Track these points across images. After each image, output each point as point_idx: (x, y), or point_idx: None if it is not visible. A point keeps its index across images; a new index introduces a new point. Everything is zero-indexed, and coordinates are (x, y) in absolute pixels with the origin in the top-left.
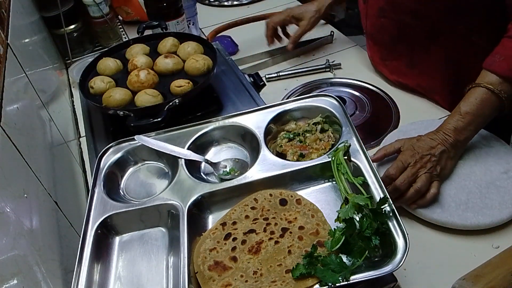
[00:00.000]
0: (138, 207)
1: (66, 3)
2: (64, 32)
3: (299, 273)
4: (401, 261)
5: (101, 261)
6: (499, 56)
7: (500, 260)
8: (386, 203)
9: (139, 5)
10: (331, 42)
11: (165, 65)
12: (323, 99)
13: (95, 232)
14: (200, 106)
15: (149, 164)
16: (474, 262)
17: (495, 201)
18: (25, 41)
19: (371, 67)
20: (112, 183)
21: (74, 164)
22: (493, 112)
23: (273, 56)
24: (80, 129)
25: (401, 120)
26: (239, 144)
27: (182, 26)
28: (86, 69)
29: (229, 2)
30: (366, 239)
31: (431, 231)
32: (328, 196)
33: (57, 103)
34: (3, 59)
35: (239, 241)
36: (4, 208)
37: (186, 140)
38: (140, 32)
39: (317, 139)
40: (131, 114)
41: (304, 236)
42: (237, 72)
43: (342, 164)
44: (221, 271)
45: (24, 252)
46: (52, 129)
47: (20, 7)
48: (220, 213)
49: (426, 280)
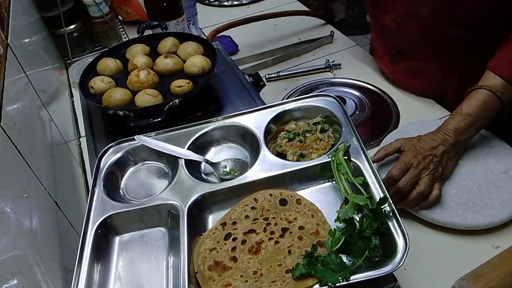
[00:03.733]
0: (138, 207)
1: (66, 3)
2: (64, 32)
3: (299, 273)
4: (401, 261)
5: (101, 261)
6: (505, 60)
7: (500, 260)
8: (386, 203)
9: (139, 5)
10: (331, 42)
11: (165, 65)
12: (323, 99)
13: (95, 232)
14: (200, 106)
15: (149, 164)
16: (474, 262)
17: (495, 201)
18: (25, 41)
19: (371, 67)
20: (112, 183)
21: (74, 164)
22: (494, 114)
23: (273, 56)
24: (80, 129)
25: (401, 120)
26: (239, 144)
27: (182, 26)
28: (86, 69)
29: (229, 2)
30: (366, 239)
31: (431, 231)
32: (328, 196)
33: (57, 103)
34: (3, 59)
35: (239, 241)
36: (4, 208)
37: (186, 140)
38: (140, 32)
39: (317, 139)
40: (131, 114)
41: (304, 236)
42: (237, 72)
43: (342, 164)
44: (221, 271)
45: (24, 252)
46: (52, 129)
47: (20, 7)
48: (220, 213)
49: (426, 280)
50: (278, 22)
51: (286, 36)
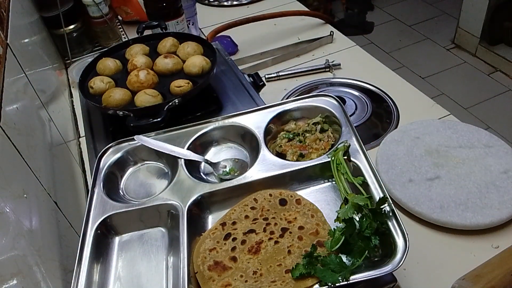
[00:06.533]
0: (138, 207)
1: (66, 3)
2: (64, 32)
3: (299, 273)
4: (401, 261)
5: (101, 261)
6: None
7: (499, 260)
8: (386, 203)
9: (138, 5)
10: (331, 42)
11: (165, 65)
12: (323, 99)
13: (95, 232)
14: (199, 106)
15: (148, 164)
16: (473, 262)
17: (495, 201)
18: (25, 41)
19: (371, 67)
20: (112, 183)
21: (74, 164)
22: None
23: (273, 56)
24: (79, 129)
25: (401, 120)
26: (239, 144)
27: (182, 26)
28: (85, 69)
29: (229, 2)
30: (366, 239)
31: (431, 231)
32: (327, 196)
33: (57, 103)
34: (3, 59)
35: (238, 241)
36: (4, 208)
37: (185, 140)
38: (139, 32)
39: (317, 139)
40: (130, 114)
41: (304, 236)
42: (236, 72)
43: (342, 164)
44: (221, 271)
45: (23, 252)
46: (52, 129)
47: (19, 7)
48: (220, 213)
49: (426, 280)
50: (278, 22)
51: (285, 36)
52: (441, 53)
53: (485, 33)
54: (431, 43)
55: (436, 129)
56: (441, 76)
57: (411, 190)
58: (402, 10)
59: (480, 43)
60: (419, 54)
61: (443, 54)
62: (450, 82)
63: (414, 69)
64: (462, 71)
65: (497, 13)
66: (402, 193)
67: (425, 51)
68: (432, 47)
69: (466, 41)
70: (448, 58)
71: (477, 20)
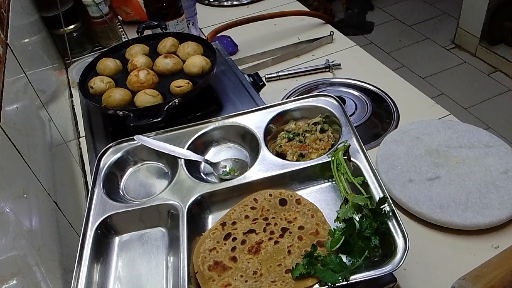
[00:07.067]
0: (138, 207)
1: (66, 3)
2: (64, 32)
3: (299, 273)
4: (401, 261)
5: (101, 261)
6: None
7: (499, 260)
8: (386, 203)
9: (138, 5)
10: (331, 42)
11: (165, 65)
12: (323, 99)
13: (95, 232)
14: (199, 106)
15: (148, 164)
16: (473, 262)
17: (495, 201)
18: (25, 41)
19: (371, 67)
20: (112, 183)
21: (74, 164)
22: None
23: (273, 56)
24: (79, 129)
25: (401, 120)
26: (238, 144)
27: (182, 26)
28: (85, 69)
29: (229, 2)
30: (366, 239)
31: (431, 231)
32: (327, 196)
33: (57, 103)
34: (3, 59)
35: (238, 241)
36: (4, 208)
37: (185, 140)
38: (139, 32)
39: (317, 139)
40: (130, 114)
41: (304, 236)
42: (236, 72)
43: (342, 164)
44: (221, 271)
45: (23, 252)
46: (52, 129)
47: (19, 7)
48: (220, 213)
49: (426, 280)
50: (278, 22)
51: (285, 36)
52: (441, 53)
53: (485, 33)
54: (431, 43)
55: (436, 129)
56: (441, 76)
57: (411, 190)
58: (402, 10)
59: (480, 43)
60: (419, 54)
61: (443, 54)
62: (450, 82)
63: (414, 69)
64: (462, 71)
65: (497, 13)
66: (402, 193)
67: (425, 51)
68: (432, 47)
69: (466, 41)
70: (448, 58)
71: (477, 20)
